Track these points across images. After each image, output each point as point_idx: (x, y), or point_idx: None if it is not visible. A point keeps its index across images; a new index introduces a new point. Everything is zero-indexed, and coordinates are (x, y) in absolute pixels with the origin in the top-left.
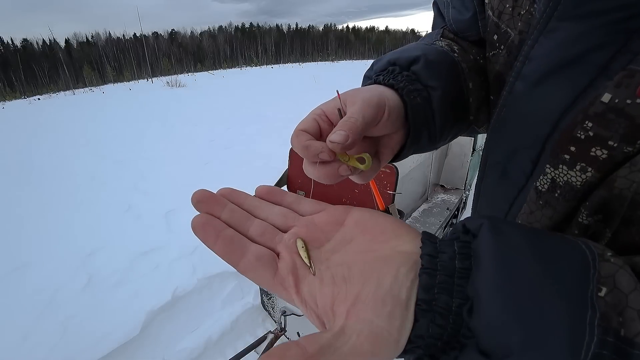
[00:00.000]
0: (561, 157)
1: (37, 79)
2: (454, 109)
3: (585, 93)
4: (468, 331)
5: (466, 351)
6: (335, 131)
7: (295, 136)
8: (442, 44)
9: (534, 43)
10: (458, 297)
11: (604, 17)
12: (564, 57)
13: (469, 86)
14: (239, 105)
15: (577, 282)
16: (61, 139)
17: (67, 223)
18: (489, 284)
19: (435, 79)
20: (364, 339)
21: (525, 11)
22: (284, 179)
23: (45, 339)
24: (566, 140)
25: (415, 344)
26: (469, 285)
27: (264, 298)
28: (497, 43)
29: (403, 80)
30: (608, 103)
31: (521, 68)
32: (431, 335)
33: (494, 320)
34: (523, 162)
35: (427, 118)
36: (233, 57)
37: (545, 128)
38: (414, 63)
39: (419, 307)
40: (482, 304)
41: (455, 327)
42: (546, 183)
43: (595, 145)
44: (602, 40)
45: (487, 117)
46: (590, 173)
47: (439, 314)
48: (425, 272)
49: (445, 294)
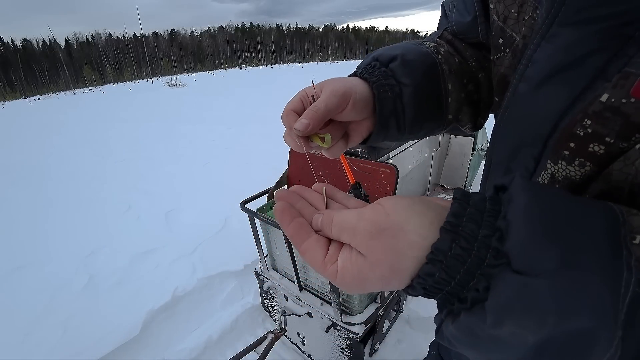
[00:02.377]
0: (561, 153)
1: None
2: (426, 106)
3: (584, 94)
4: (497, 259)
5: (500, 277)
6: (299, 119)
7: (286, 115)
8: (430, 45)
9: (536, 47)
10: (486, 229)
11: (601, 23)
12: (564, 60)
13: (447, 87)
14: (239, 105)
15: (610, 226)
16: (61, 139)
17: (67, 223)
18: (525, 212)
19: (409, 77)
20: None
21: (529, 17)
22: (284, 179)
23: (45, 339)
24: (566, 138)
25: (437, 257)
26: (499, 219)
27: (264, 298)
28: (503, 46)
29: (379, 75)
30: (605, 102)
31: (524, 71)
32: (454, 255)
33: (529, 238)
34: (526, 160)
35: (396, 110)
36: (233, 57)
37: (547, 127)
38: (392, 61)
39: (444, 228)
40: (516, 225)
41: (480, 255)
42: (546, 178)
43: (593, 141)
44: (600, 45)
45: (470, 118)
46: (589, 167)
47: (464, 238)
48: (457, 202)
49: (473, 224)
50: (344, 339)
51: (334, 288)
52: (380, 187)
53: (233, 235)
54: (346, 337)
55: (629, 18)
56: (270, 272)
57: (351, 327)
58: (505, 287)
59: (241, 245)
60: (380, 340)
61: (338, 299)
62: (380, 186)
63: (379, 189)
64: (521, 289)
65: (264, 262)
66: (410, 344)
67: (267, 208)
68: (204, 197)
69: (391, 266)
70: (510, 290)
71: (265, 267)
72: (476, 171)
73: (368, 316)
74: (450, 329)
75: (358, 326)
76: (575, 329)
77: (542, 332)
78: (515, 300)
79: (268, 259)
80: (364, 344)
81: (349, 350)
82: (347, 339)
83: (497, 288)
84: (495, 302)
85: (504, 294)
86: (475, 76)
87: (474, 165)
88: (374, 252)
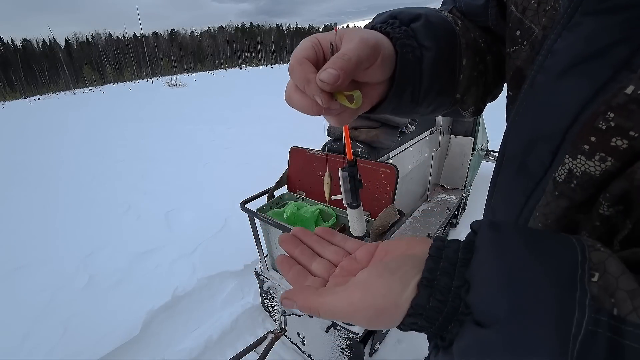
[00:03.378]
0: (580, 147)
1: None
2: (442, 76)
3: (607, 86)
4: (466, 308)
5: (465, 325)
6: (326, 68)
7: (299, 64)
8: (447, 15)
9: (557, 37)
10: (458, 280)
11: (627, 11)
12: (587, 50)
13: (462, 62)
14: (239, 105)
15: (566, 266)
16: (61, 139)
17: (67, 223)
18: (483, 265)
19: (432, 40)
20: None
21: (550, 7)
22: (284, 179)
23: (45, 339)
24: (587, 131)
25: (417, 312)
26: (467, 270)
27: (264, 298)
28: (520, 39)
29: (400, 33)
30: (631, 94)
31: (543, 61)
32: (432, 307)
33: (485, 292)
34: (542, 154)
35: (414, 76)
36: (233, 57)
37: (566, 120)
38: (414, 20)
39: (422, 283)
40: (477, 280)
41: (455, 305)
42: (563, 174)
43: (616, 135)
44: (624, 35)
45: (475, 101)
46: (610, 162)
47: (439, 291)
48: (431, 258)
49: (447, 277)
50: (344, 339)
51: None
52: (380, 187)
53: (233, 235)
54: (346, 337)
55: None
56: (270, 272)
57: (351, 327)
58: (466, 335)
59: (241, 245)
60: (380, 340)
61: None
62: (380, 186)
63: (379, 189)
64: (477, 338)
65: (264, 262)
66: (410, 344)
67: (267, 208)
68: (204, 197)
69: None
70: (469, 339)
71: (265, 267)
72: (476, 171)
73: None
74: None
75: (358, 326)
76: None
77: None
78: (472, 348)
79: (268, 259)
80: (364, 344)
81: (349, 350)
82: (347, 339)
83: (461, 336)
84: (458, 348)
85: (464, 341)
86: (485, 57)
87: (474, 165)
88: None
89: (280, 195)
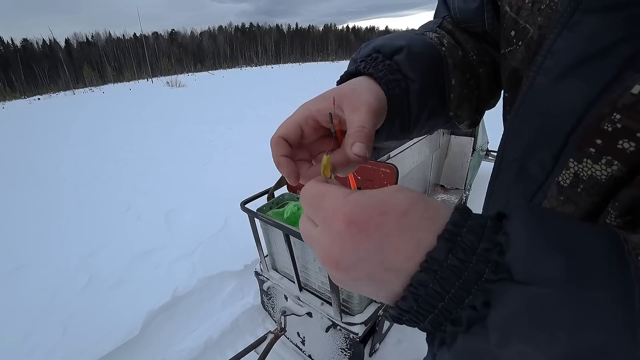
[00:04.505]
0: (586, 150)
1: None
2: (431, 102)
3: (612, 86)
4: (494, 274)
5: (499, 290)
6: (356, 144)
7: (274, 144)
8: (432, 36)
9: (556, 37)
10: (486, 242)
11: (630, 9)
12: (589, 50)
13: (451, 82)
14: (239, 106)
15: (612, 240)
16: (61, 139)
17: (67, 223)
18: (523, 222)
19: (416, 72)
20: None
21: (546, 6)
22: (284, 179)
23: (45, 339)
24: (592, 133)
25: (431, 267)
26: (499, 234)
27: (264, 298)
28: (515, 39)
29: (384, 69)
30: (638, 95)
31: (543, 62)
32: (450, 266)
33: (532, 246)
34: (543, 157)
35: (402, 108)
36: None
37: (569, 122)
38: (397, 53)
39: (442, 236)
40: (517, 236)
41: (478, 269)
42: (568, 178)
43: (623, 137)
44: (628, 33)
45: (469, 114)
46: (616, 166)
47: (462, 249)
48: (459, 212)
49: (473, 235)
50: (344, 339)
51: (334, 288)
52: (381, 187)
53: (233, 235)
54: (346, 337)
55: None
56: (270, 272)
57: (351, 327)
58: (510, 299)
59: (241, 245)
60: (380, 340)
61: (338, 299)
62: (380, 186)
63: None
64: (527, 300)
65: (264, 262)
66: (410, 344)
67: (267, 208)
68: (204, 197)
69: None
70: (515, 302)
71: (265, 267)
72: (476, 171)
73: (368, 316)
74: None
75: (358, 326)
76: (589, 347)
77: (555, 350)
78: (522, 312)
79: (268, 259)
80: (364, 344)
81: (349, 350)
82: (347, 339)
83: (500, 302)
84: (499, 317)
85: (509, 307)
86: (477, 71)
87: (474, 165)
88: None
89: (280, 195)
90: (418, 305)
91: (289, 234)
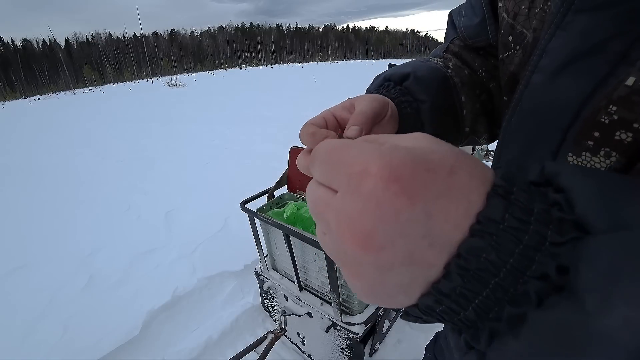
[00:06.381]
0: (584, 144)
1: (37, 79)
2: (444, 120)
3: (606, 81)
4: (560, 235)
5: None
6: (349, 127)
7: (305, 126)
8: (437, 61)
9: (551, 37)
10: (540, 202)
11: (621, 6)
12: (582, 47)
13: (461, 99)
14: (239, 106)
15: None
16: (61, 139)
17: (67, 223)
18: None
19: (424, 93)
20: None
21: (540, 9)
22: (284, 179)
23: (45, 339)
24: (590, 127)
25: (487, 229)
26: (550, 193)
27: (264, 298)
28: (512, 44)
29: (396, 93)
30: (632, 86)
31: (538, 61)
32: (508, 228)
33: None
34: (542, 154)
35: (415, 126)
36: (233, 57)
37: (566, 117)
38: (405, 79)
39: (495, 191)
40: (583, 188)
41: (541, 231)
42: None
43: (620, 128)
44: (619, 29)
45: (486, 128)
46: (615, 158)
47: (519, 208)
48: (501, 169)
49: (526, 193)
50: (344, 339)
51: (334, 288)
52: None
53: (233, 235)
54: (346, 337)
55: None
56: (270, 272)
57: (351, 327)
58: (600, 253)
59: (241, 245)
60: (380, 340)
61: (338, 299)
62: None
63: None
64: (626, 245)
65: (264, 262)
66: (410, 344)
67: (267, 208)
68: (204, 197)
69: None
70: (610, 250)
71: (265, 267)
72: None
73: (368, 316)
74: (514, 346)
75: (358, 326)
76: None
77: None
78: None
79: (268, 259)
80: (364, 344)
81: (349, 350)
82: (347, 339)
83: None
84: (594, 274)
85: (603, 260)
86: (487, 86)
87: None
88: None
89: (280, 195)
90: (464, 285)
91: (289, 234)
